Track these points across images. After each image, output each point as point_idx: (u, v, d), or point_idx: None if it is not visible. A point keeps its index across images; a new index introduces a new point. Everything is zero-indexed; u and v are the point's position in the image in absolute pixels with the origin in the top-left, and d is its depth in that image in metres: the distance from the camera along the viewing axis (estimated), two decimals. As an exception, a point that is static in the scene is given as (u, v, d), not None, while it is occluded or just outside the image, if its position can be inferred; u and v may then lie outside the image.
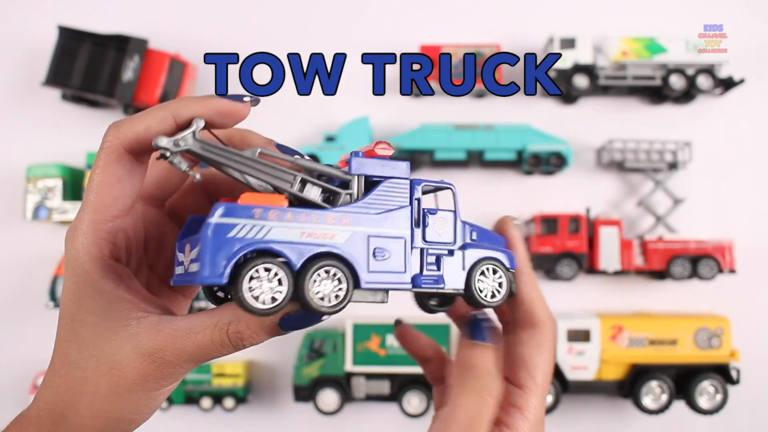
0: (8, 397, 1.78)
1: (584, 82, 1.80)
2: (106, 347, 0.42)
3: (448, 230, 0.49)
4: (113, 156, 0.43)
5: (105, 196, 0.43)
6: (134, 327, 0.42)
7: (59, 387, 0.43)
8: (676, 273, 1.71)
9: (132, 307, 0.43)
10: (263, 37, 1.89)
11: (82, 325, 0.43)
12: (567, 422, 1.73)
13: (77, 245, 0.43)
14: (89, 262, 0.43)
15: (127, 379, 0.42)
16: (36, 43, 1.85)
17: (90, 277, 0.42)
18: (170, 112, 0.43)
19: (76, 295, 0.43)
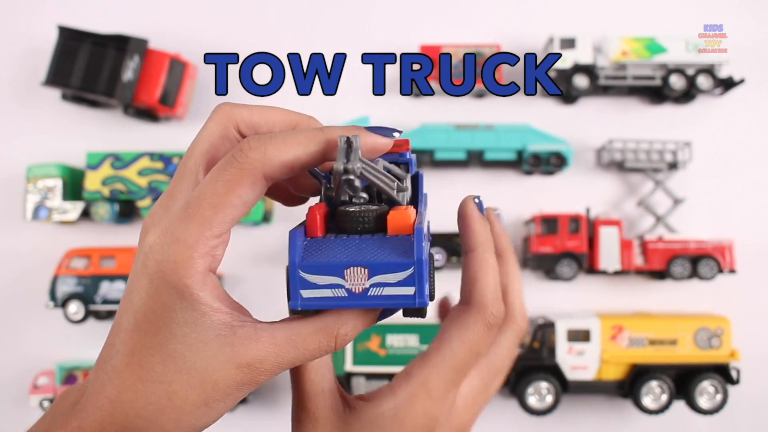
0: (8, 397, 1.78)
1: (584, 82, 1.80)
2: (197, 359, 0.40)
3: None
4: (249, 178, 0.39)
5: (224, 216, 0.39)
6: (229, 337, 0.40)
7: (136, 402, 0.40)
8: (676, 273, 1.71)
9: (226, 317, 0.40)
10: (263, 37, 1.89)
11: (170, 337, 0.40)
12: (567, 422, 1.73)
13: (175, 256, 0.39)
14: (189, 277, 0.39)
15: (220, 390, 0.40)
16: (36, 43, 1.85)
17: (189, 291, 0.39)
18: (323, 144, 0.40)
19: (165, 307, 0.40)
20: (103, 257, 1.74)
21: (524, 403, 1.64)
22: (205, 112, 2.00)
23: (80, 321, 1.72)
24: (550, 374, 1.64)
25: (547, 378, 1.64)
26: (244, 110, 0.44)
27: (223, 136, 0.45)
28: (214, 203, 0.39)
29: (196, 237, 0.39)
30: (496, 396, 1.58)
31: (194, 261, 0.39)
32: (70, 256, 1.74)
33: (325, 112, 1.85)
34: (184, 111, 1.82)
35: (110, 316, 1.79)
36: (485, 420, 1.92)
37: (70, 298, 1.72)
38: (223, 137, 0.45)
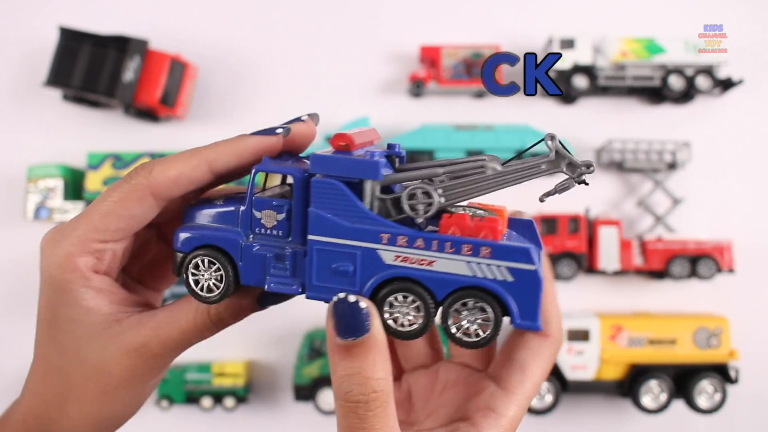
0: (8, 397, 1.78)
1: (584, 82, 1.80)
2: (88, 351, 0.42)
3: None
4: (136, 194, 0.43)
5: (109, 223, 0.43)
6: (116, 328, 0.43)
7: (45, 393, 0.44)
8: (675, 273, 1.71)
9: (111, 311, 0.43)
10: (264, 37, 1.89)
11: (60, 332, 0.43)
12: (566, 422, 1.74)
13: (59, 253, 0.43)
14: (69, 272, 0.42)
15: (115, 378, 0.43)
16: (37, 43, 1.85)
17: (69, 286, 0.42)
18: (204, 159, 0.43)
19: (52, 302, 0.43)
20: (103, 257, 1.74)
21: (524, 402, 1.64)
22: (205, 113, 2.02)
23: (81, 321, 1.73)
24: (550, 374, 1.65)
25: (547, 377, 1.64)
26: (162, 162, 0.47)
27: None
28: (101, 211, 0.43)
29: (80, 237, 0.43)
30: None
31: (75, 258, 0.42)
32: (71, 256, 1.74)
33: (327, 112, 1.85)
34: (184, 111, 1.83)
35: (111, 316, 1.79)
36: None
37: (71, 298, 1.72)
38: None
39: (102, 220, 0.43)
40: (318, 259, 0.44)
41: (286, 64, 1.89)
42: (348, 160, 0.45)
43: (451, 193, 0.47)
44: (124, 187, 0.43)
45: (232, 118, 1.87)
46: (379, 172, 0.45)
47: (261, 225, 0.45)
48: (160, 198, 0.44)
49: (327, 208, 0.44)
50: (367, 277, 0.44)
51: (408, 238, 0.44)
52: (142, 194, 0.43)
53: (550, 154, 0.48)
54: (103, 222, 0.43)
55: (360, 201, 0.45)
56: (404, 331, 0.44)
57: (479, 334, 0.44)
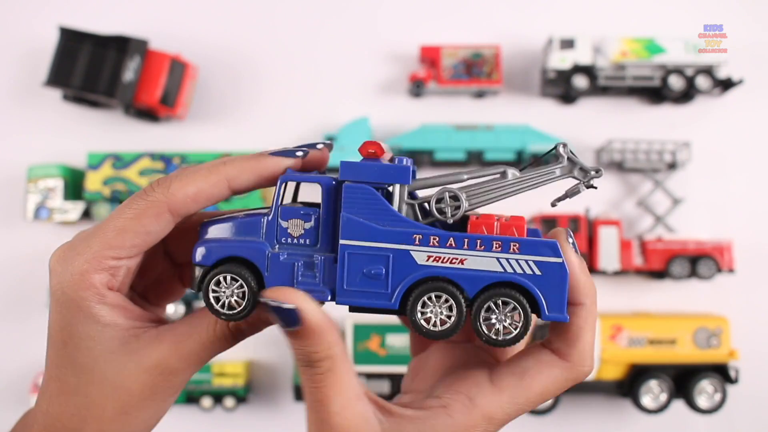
0: (8, 397, 1.78)
1: (584, 82, 1.80)
2: (107, 369, 0.42)
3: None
4: (153, 211, 0.42)
5: (125, 240, 0.42)
6: (134, 344, 0.42)
7: (62, 414, 0.42)
8: (675, 273, 1.71)
9: (128, 326, 0.43)
10: (265, 37, 1.89)
11: (77, 350, 0.42)
12: (566, 422, 1.74)
13: (72, 270, 0.42)
14: (84, 290, 0.42)
15: (135, 396, 0.42)
16: (37, 43, 1.85)
17: (85, 303, 0.42)
18: (224, 177, 0.43)
19: (66, 321, 0.42)
20: (103, 257, 1.74)
21: (524, 402, 1.64)
22: (205, 113, 2.02)
23: (81, 321, 1.73)
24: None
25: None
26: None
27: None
28: (117, 227, 0.42)
29: (94, 254, 0.42)
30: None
31: (90, 275, 0.41)
32: (71, 256, 1.74)
33: (326, 112, 1.85)
34: (184, 111, 1.83)
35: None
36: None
37: (71, 298, 1.72)
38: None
39: (117, 237, 0.42)
40: (350, 263, 0.45)
41: (286, 64, 1.89)
42: (379, 166, 0.46)
43: (475, 198, 0.49)
44: (140, 203, 0.42)
45: (232, 118, 1.87)
46: (410, 176, 0.47)
47: (288, 234, 0.46)
48: (177, 215, 0.43)
49: (359, 213, 0.45)
50: (400, 278, 0.45)
51: (440, 238, 0.45)
52: (159, 210, 0.42)
53: (563, 161, 0.50)
54: (118, 239, 0.42)
55: (391, 205, 0.46)
56: (436, 331, 0.46)
57: (510, 331, 0.46)
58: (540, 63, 1.86)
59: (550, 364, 0.46)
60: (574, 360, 0.45)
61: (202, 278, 0.46)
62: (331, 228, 0.46)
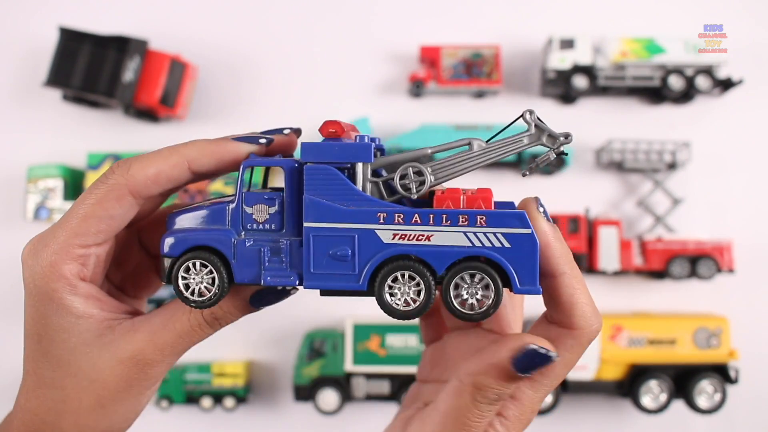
0: (8, 397, 1.78)
1: (583, 82, 1.80)
2: (82, 362, 0.41)
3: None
4: (114, 194, 0.42)
5: (89, 226, 0.42)
6: (108, 335, 0.42)
7: (38, 408, 0.43)
8: (675, 273, 1.71)
9: (102, 318, 0.42)
10: (264, 37, 1.89)
11: (51, 343, 0.42)
12: (566, 422, 1.73)
13: (42, 262, 0.42)
14: (55, 281, 0.42)
15: (111, 389, 0.41)
16: (37, 43, 1.85)
17: (57, 295, 0.42)
18: (184, 158, 0.43)
19: (40, 313, 0.42)
20: (103, 257, 1.74)
21: (524, 402, 1.64)
22: (205, 113, 2.02)
23: (81, 321, 1.73)
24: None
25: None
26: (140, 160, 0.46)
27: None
28: (80, 215, 0.42)
29: (61, 244, 0.42)
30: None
31: (59, 266, 0.42)
32: (71, 257, 1.74)
33: (326, 112, 1.85)
34: (184, 111, 1.83)
35: (111, 316, 1.79)
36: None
37: (71, 298, 1.72)
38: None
39: (81, 224, 0.42)
40: (315, 246, 0.44)
41: (286, 65, 1.89)
42: (339, 145, 0.45)
43: (441, 172, 0.48)
44: (101, 187, 0.42)
45: (231, 117, 1.87)
46: (371, 154, 0.46)
47: (253, 220, 0.45)
48: (139, 196, 0.43)
49: (322, 194, 0.44)
50: (366, 258, 0.44)
51: (404, 215, 0.44)
52: (120, 193, 0.42)
53: (530, 128, 0.48)
54: (82, 226, 0.42)
55: (354, 184, 0.45)
56: (406, 310, 0.45)
57: (481, 305, 0.44)
58: (540, 63, 1.86)
59: (561, 337, 0.45)
60: (579, 325, 0.45)
61: (171, 267, 0.45)
62: (296, 211, 0.45)
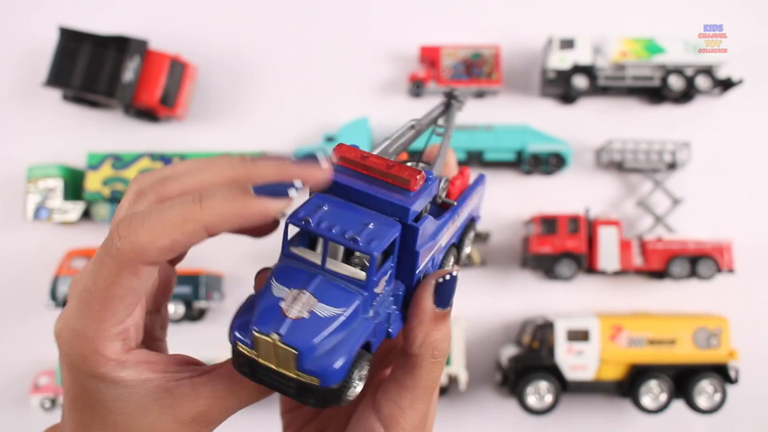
0: (8, 397, 1.78)
1: (583, 82, 1.80)
2: (141, 425, 0.39)
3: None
4: (128, 270, 0.37)
5: (116, 309, 0.38)
6: (168, 399, 0.39)
7: None
8: (675, 273, 1.71)
9: (160, 382, 0.40)
10: (263, 37, 1.89)
11: (108, 413, 0.39)
12: (566, 422, 1.73)
13: (81, 351, 0.38)
14: (102, 366, 0.38)
15: None
16: (37, 43, 1.85)
17: (108, 377, 0.39)
18: (202, 225, 0.37)
19: (91, 393, 0.39)
20: (103, 257, 1.74)
21: (524, 402, 1.65)
22: (205, 113, 2.01)
23: (81, 321, 1.73)
24: (550, 374, 1.65)
25: (547, 378, 1.64)
26: (168, 184, 0.41)
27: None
28: (99, 299, 0.38)
29: (95, 332, 0.38)
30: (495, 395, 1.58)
31: (101, 353, 0.38)
32: (71, 257, 1.74)
33: (326, 112, 1.85)
34: (184, 111, 1.83)
35: (111, 316, 1.79)
36: (485, 419, 1.93)
37: (71, 298, 1.72)
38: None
39: (105, 308, 0.38)
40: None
41: (285, 65, 1.89)
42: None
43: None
44: (109, 263, 0.37)
45: (231, 118, 1.87)
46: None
47: (376, 295, 0.39)
48: (153, 264, 0.38)
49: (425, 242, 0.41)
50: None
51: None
52: (133, 269, 0.37)
53: (445, 99, 0.53)
54: (107, 310, 0.38)
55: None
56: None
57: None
58: (540, 63, 1.86)
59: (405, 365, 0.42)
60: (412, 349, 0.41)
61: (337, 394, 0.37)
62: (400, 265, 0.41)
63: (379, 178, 0.40)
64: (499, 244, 1.81)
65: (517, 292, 1.80)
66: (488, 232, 1.75)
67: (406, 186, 0.39)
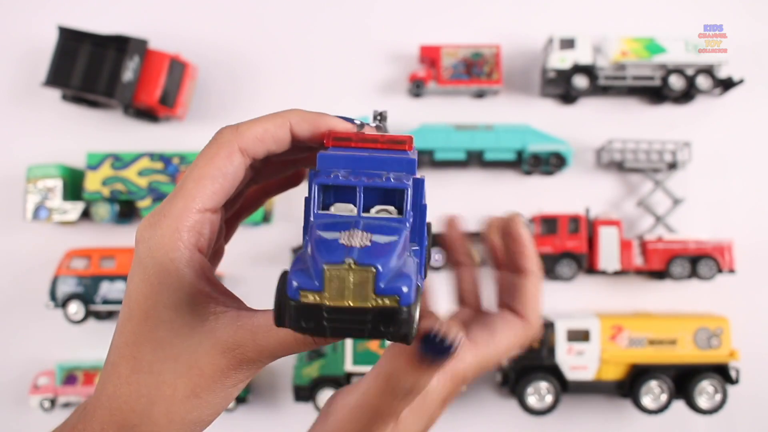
0: (8, 397, 1.78)
1: (584, 82, 1.80)
2: (183, 345, 0.40)
3: None
4: (226, 151, 0.42)
5: (206, 187, 0.41)
6: (212, 322, 0.40)
7: (130, 395, 0.40)
8: (675, 273, 1.71)
9: (211, 301, 0.41)
10: (263, 37, 1.89)
11: (159, 322, 0.40)
12: (566, 422, 1.73)
13: (162, 231, 0.40)
14: (175, 250, 0.40)
15: (206, 377, 0.40)
16: (36, 43, 1.85)
17: (174, 266, 0.40)
18: (287, 119, 0.43)
19: (154, 288, 0.40)
20: (103, 257, 1.74)
21: (524, 402, 1.64)
22: (204, 113, 2.01)
23: (80, 321, 1.73)
24: (550, 374, 1.65)
25: (547, 378, 1.64)
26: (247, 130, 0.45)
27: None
28: (194, 177, 0.41)
29: (181, 210, 0.40)
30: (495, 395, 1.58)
31: (179, 234, 0.40)
32: (71, 257, 1.74)
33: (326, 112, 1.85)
34: (184, 111, 1.83)
35: (110, 317, 1.79)
36: (485, 420, 1.93)
37: (71, 298, 1.72)
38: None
39: (197, 186, 0.41)
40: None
41: (285, 64, 1.88)
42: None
43: None
44: (211, 147, 0.42)
45: (231, 118, 1.83)
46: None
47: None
48: (247, 155, 0.43)
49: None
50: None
51: None
52: (230, 150, 0.42)
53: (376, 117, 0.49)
54: (199, 188, 0.41)
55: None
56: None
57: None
58: (540, 63, 1.85)
59: (513, 323, 0.49)
60: (531, 321, 0.50)
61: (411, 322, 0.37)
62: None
63: (375, 147, 0.42)
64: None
65: (518, 292, 1.80)
66: (488, 232, 1.75)
67: (402, 147, 0.42)
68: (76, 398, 1.71)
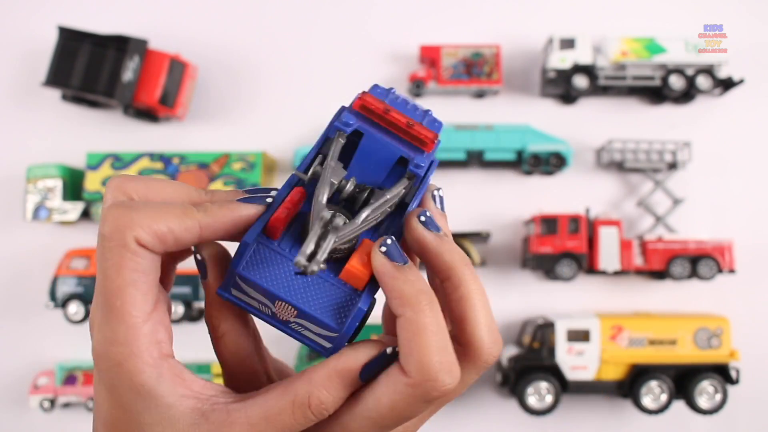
0: (7, 397, 1.78)
1: (584, 82, 1.80)
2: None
3: None
4: (129, 252, 0.37)
5: (134, 296, 0.38)
6: (204, 424, 0.38)
7: None
8: (675, 273, 1.71)
9: (194, 403, 0.39)
10: (263, 37, 1.89)
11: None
12: (566, 422, 1.73)
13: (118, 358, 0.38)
14: (140, 374, 0.38)
15: None
16: (36, 43, 1.85)
17: (145, 389, 0.38)
18: (198, 224, 0.38)
19: (130, 413, 0.38)
20: (103, 257, 1.74)
21: (524, 403, 1.64)
22: (204, 113, 2.01)
23: (80, 321, 1.73)
24: (550, 374, 1.65)
25: (547, 378, 1.64)
26: (139, 183, 0.40)
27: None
28: (114, 291, 0.37)
29: (125, 331, 0.37)
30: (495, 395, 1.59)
31: (137, 357, 0.37)
32: (71, 257, 1.74)
33: (326, 112, 1.85)
34: (183, 111, 1.83)
35: (110, 317, 1.79)
36: (485, 420, 1.93)
37: (71, 298, 1.72)
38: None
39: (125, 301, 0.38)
40: None
41: (285, 64, 1.88)
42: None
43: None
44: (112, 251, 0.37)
45: (231, 118, 1.86)
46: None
47: None
48: (148, 249, 0.38)
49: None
50: None
51: None
52: (133, 249, 0.37)
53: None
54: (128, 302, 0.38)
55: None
56: None
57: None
58: (540, 63, 1.85)
59: (394, 374, 0.37)
60: (412, 373, 0.36)
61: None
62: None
63: (398, 134, 0.41)
64: (499, 244, 1.81)
65: (518, 293, 1.80)
66: (488, 232, 1.75)
67: (421, 146, 0.41)
68: (76, 398, 1.71)
